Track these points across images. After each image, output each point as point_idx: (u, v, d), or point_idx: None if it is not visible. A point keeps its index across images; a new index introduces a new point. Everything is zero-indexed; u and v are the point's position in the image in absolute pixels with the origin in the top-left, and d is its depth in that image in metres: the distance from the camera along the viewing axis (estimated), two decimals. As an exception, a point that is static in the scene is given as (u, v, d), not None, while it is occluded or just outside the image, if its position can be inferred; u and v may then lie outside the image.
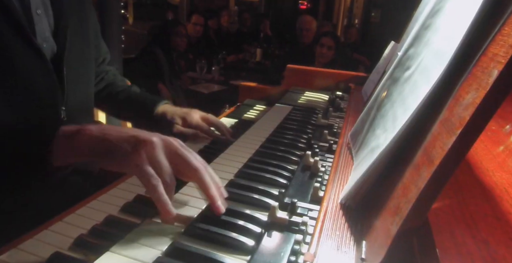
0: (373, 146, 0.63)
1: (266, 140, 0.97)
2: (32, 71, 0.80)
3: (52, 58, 0.86)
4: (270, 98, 1.51)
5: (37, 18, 0.82)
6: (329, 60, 3.14)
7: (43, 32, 0.84)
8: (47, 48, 0.85)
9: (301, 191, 0.70)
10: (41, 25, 0.83)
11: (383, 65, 1.31)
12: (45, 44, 0.84)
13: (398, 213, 0.43)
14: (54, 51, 0.86)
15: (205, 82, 3.54)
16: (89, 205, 0.62)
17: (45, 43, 0.84)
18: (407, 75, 0.66)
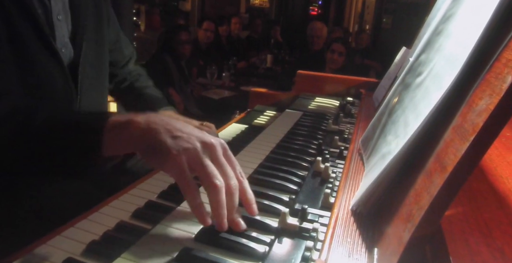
0: (384, 152, 0.63)
1: (277, 145, 0.97)
2: (50, 75, 0.82)
3: (68, 63, 0.87)
4: (281, 104, 1.51)
5: (57, 24, 0.84)
6: (339, 66, 3.14)
7: (63, 37, 0.86)
8: (66, 53, 0.87)
9: (312, 197, 0.70)
10: (61, 31, 0.85)
11: (394, 71, 1.31)
12: (64, 49, 0.86)
13: (410, 220, 0.42)
14: (71, 57, 0.88)
15: (215, 88, 3.56)
16: (101, 211, 0.63)
17: (63, 48, 0.86)
18: (418, 81, 0.66)
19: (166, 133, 0.56)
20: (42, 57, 0.79)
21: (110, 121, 0.59)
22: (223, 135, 1.07)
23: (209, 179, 0.55)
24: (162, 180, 0.75)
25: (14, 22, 0.74)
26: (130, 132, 0.58)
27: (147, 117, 0.59)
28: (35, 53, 0.78)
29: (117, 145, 0.60)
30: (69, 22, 0.88)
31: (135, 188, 0.71)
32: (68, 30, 0.88)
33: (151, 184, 0.73)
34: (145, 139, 0.57)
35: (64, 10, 0.86)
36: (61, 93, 0.85)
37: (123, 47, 1.15)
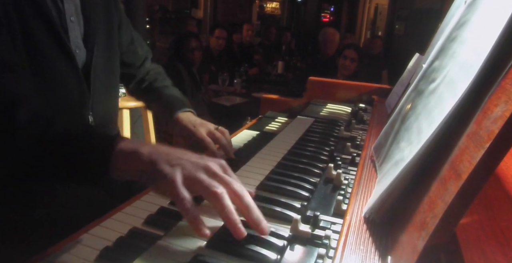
0: (397, 159, 0.62)
1: (288, 152, 0.97)
2: (64, 76, 0.83)
3: (81, 65, 0.89)
4: (292, 110, 1.51)
5: (71, 25, 0.86)
6: (351, 73, 3.13)
7: (76, 38, 0.87)
8: (79, 54, 0.88)
9: (324, 204, 0.70)
10: (74, 32, 0.87)
11: (407, 77, 1.30)
12: (78, 51, 0.88)
13: (424, 227, 0.42)
14: (84, 59, 0.90)
15: (227, 95, 3.57)
16: (114, 217, 0.63)
17: (77, 49, 0.88)
18: (432, 88, 0.65)
19: (164, 163, 0.58)
20: (56, 58, 0.81)
21: (116, 150, 0.61)
22: (235, 141, 1.07)
23: (207, 190, 0.55)
24: (174, 186, 0.75)
25: (30, 24, 0.76)
26: (134, 163, 0.60)
27: (151, 149, 0.61)
28: (50, 54, 0.79)
29: (121, 172, 0.62)
30: (81, 24, 0.90)
31: (148, 194, 0.72)
32: (80, 32, 0.89)
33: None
34: (146, 169, 0.59)
35: (76, 12, 0.88)
36: (74, 94, 0.86)
37: (137, 47, 1.17)
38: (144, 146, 0.62)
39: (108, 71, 0.98)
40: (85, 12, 0.91)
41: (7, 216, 0.82)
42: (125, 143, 0.62)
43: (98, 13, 0.95)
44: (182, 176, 0.57)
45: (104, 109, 0.97)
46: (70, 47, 0.83)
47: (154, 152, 0.60)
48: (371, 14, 8.81)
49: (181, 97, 1.17)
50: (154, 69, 1.24)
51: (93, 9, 0.93)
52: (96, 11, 0.94)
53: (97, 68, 0.92)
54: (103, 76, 0.95)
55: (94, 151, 0.63)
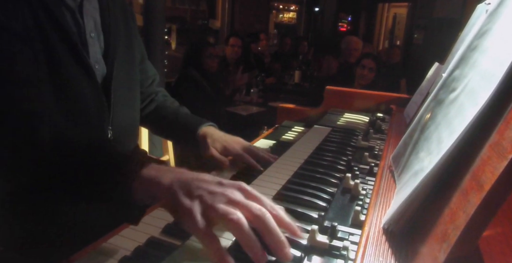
0: (416, 169, 0.61)
1: (305, 161, 0.96)
2: (83, 91, 0.84)
3: (101, 80, 0.91)
4: (309, 119, 1.51)
5: (90, 41, 0.88)
6: (369, 82, 3.11)
7: (95, 54, 0.89)
8: (99, 69, 0.90)
9: (342, 214, 0.69)
10: (93, 48, 0.88)
11: (426, 86, 1.28)
12: (97, 66, 0.89)
13: (445, 239, 0.41)
14: (104, 74, 0.92)
15: (243, 104, 3.59)
16: (132, 227, 0.64)
17: (97, 64, 0.89)
18: (452, 97, 0.65)
19: (184, 195, 0.57)
20: (76, 73, 0.82)
21: (138, 180, 0.61)
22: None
23: (224, 218, 0.53)
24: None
25: (50, 39, 0.78)
26: (154, 191, 0.60)
27: (172, 178, 0.60)
28: (69, 69, 0.81)
29: (144, 198, 0.61)
30: (101, 40, 0.91)
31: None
32: (100, 48, 0.91)
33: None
34: (166, 198, 0.59)
35: (96, 28, 0.90)
36: (93, 109, 0.87)
37: (147, 68, 1.17)
38: (166, 174, 0.61)
39: (128, 85, 0.99)
40: (105, 28, 0.93)
41: (27, 226, 0.83)
42: (147, 170, 0.62)
43: (118, 27, 0.97)
44: (201, 208, 0.55)
45: (124, 123, 0.98)
46: (89, 63, 0.85)
47: (175, 182, 0.59)
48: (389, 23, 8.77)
49: (196, 116, 1.16)
50: (161, 91, 1.24)
51: (113, 24, 0.95)
52: (116, 26, 0.96)
53: (117, 82, 0.93)
54: (123, 90, 0.96)
55: (116, 181, 0.63)
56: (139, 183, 0.61)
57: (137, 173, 0.61)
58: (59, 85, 0.79)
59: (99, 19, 0.92)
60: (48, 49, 0.77)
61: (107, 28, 0.93)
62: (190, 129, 1.07)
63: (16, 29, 0.73)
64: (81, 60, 0.83)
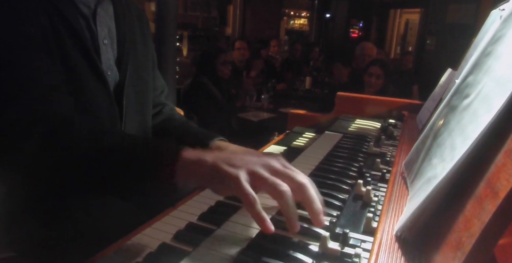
0: (429, 176, 0.61)
1: (316, 167, 0.96)
2: (96, 97, 0.86)
3: (114, 87, 0.92)
4: (320, 126, 1.50)
5: (103, 48, 0.89)
6: (378, 89, 3.07)
7: (108, 61, 0.90)
8: (111, 76, 0.91)
9: (353, 221, 0.68)
10: (106, 55, 0.90)
11: (439, 92, 1.27)
12: (110, 72, 0.90)
13: (460, 247, 0.40)
14: (117, 80, 0.93)
15: (254, 110, 3.60)
16: (144, 233, 0.64)
17: (109, 71, 0.90)
18: (466, 104, 0.64)
19: (227, 165, 0.61)
20: (89, 79, 0.84)
21: (182, 157, 0.64)
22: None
23: (272, 188, 0.58)
24: (202, 201, 0.76)
25: (66, 46, 0.79)
26: (198, 170, 0.63)
27: (213, 155, 0.64)
28: (83, 76, 0.83)
29: (187, 179, 0.64)
30: (114, 47, 0.93)
31: (176, 209, 0.72)
32: (113, 54, 0.92)
33: (191, 206, 0.74)
34: (210, 175, 0.62)
35: (110, 35, 0.92)
36: (106, 115, 0.88)
37: (156, 78, 1.17)
38: (205, 154, 0.65)
39: (141, 92, 1.00)
40: (119, 35, 0.94)
41: (40, 231, 0.84)
42: (187, 152, 0.65)
43: (134, 35, 0.98)
44: (246, 175, 0.59)
45: (137, 129, 0.98)
46: (102, 69, 0.86)
47: (216, 157, 0.63)
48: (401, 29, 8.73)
49: (207, 130, 1.15)
50: (169, 105, 1.24)
51: (128, 32, 0.96)
52: (132, 34, 0.97)
53: (129, 89, 0.94)
54: (135, 97, 0.97)
55: (160, 161, 0.65)
56: (181, 164, 0.63)
57: (179, 155, 0.63)
58: (74, 91, 0.81)
59: (114, 26, 0.93)
60: (64, 56, 0.79)
61: (122, 35, 0.94)
62: (201, 143, 1.06)
63: (34, 36, 0.74)
64: (94, 66, 0.84)
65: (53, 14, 0.78)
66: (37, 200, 0.86)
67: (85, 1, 0.86)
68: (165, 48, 3.09)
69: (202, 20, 7.96)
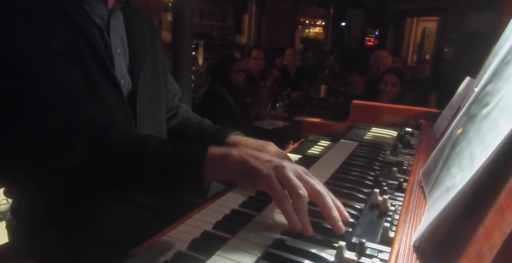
0: (448, 186, 0.60)
1: (331, 176, 0.95)
2: (112, 105, 0.88)
3: (127, 95, 0.93)
4: (335, 134, 1.50)
5: (116, 57, 0.91)
6: (394, 97, 3.04)
7: (121, 69, 0.93)
8: (124, 84, 0.93)
9: (370, 230, 0.67)
10: (119, 63, 0.92)
11: (457, 101, 1.25)
12: (123, 81, 0.92)
13: (480, 259, 0.39)
14: (130, 88, 0.94)
15: (269, 119, 3.60)
16: (160, 241, 0.65)
17: (122, 79, 0.92)
18: (485, 112, 0.63)
19: (256, 161, 0.67)
20: (106, 88, 0.86)
21: (209, 154, 0.68)
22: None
23: (293, 189, 0.63)
24: (217, 210, 0.76)
25: (84, 56, 0.82)
26: (227, 164, 0.67)
27: (240, 151, 0.69)
28: (100, 85, 0.85)
29: (216, 174, 0.68)
30: (126, 56, 0.95)
31: (191, 218, 0.73)
32: (126, 63, 0.95)
33: (206, 214, 0.74)
34: (240, 168, 0.67)
35: (122, 45, 0.94)
36: (122, 123, 0.90)
37: (168, 82, 1.19)
38: (232, 150, 0.69)
39: (154, 99, 1.02)
40: (131, 44, 0.96)
41: (59, 239, 0.86)
42: (214, 149, 0.69)
43: (144, 43, 1.00)
44: (275, 174, 0.64)
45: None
46: (117, 78, 0.88)
47: (244, 153, 0.68)
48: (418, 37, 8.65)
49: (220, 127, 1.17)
50: (184, 107, 1.25)
51: (139, 41, 0.98)
52: (142, 42, 0.99)
53: (143, 96, 0.96)
54: (149, 104, 0.99)
55: (189, 159, 0.68)
56: (210, 161, 0.67)
57: (207, 152, 0.68)
58: (94, 99, 0.83)
59: (125, 35, 0.96)
60: (83, 66, 0.81)
61: (133, 44, 0.96)
62: (217, 138, 1.08)
63: (58, 49, 0.77)
64: (110, 76, 0.86)
65: (71, 27, 0.81)
66: (56, 208, 0.88)
67: (99, 13, 0.89)
68: (181, 58, 3.14)
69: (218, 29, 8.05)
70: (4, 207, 1.93)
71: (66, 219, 0.86)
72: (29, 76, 0.72)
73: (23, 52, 0.73)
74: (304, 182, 0.65)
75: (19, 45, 0.73)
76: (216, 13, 8.11)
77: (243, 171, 0.66)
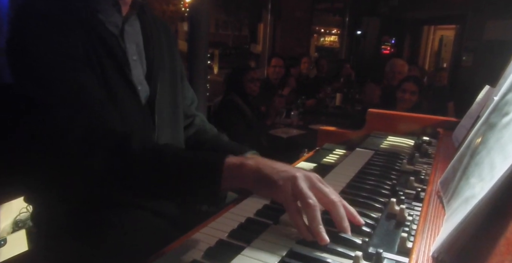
0: (467, 196, 0.59)
1: (347, 185, 0.94)
2: (130, 111, 0.89)
3: (145, 101, 0.95)
4: (350, 142, 1.48)
5: (133, 64, 0.93)
6: (412, 105, 3.00)
7: (138, 76, 0.94)
8: (142, 91, 0.94)
9: (387, 240, 0.66)
10: (136, 70, 0.94)
11: (476, 110, 1.23)
12: (140, 87, 0.94)
13: (502, 271, 0.38)
14: (147, 95, 0.96)
15: (284, 127, 3.59)
16: (176, 249, 0.65)
17: (140, 85, 0.94)
18: (505, 121, 0.62)
19: (271, 170, 0.68)
20: (124, 94, 0.87)
21: (226, 163, 0.69)
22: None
23: (304, 200, 0.64)
24: (233, 219, 0.76)
25: (103, 62, 0.84)
26: (244, 172, 0.69)
27: (255, 160, 0.71)
28: (119, 91, 0.86)
29: (232, 182, 0.69)
30: (144, 62, 0.96)
31: (207, 226, 0.73)
32: (143, 70, 0.96)
33: (222, 223, 0.74)
34: (255, 176, 0.68)
35: (138, 51, 0.96)
36: (140, 129, 0.91)
37: (185, 89, 1.20)
38: (248, 159, 0.71)
39: (171, 105, 1.03)
40: (147, 51, 0.97)
41: (77, 247, 0.87)
42: (231, 158, 0.70)
43: (162, 51, 1.02)
44: (290, 185, 0.65)
45: (169, 142, 1.01)
46: (135, 84, 0.90)
47: (259, 162, 0.69)
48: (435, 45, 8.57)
49: (238, 144, 1.18)
50: (200, 116, 1.26)
51: (157, 48, 1.00)
52: (160, 49, 1.01)
53: (161, 103, 0.97)
54: (167, 110, 1.00)
55: (206, 166, 0.70)
56: (227, 169, 0.68)
57: (224, 160, 0.69)
58: (113, 105, 0.85)
59: (142, 42, 0.97)
60: (103, 73, 0.83)
61: (149, 51, 0.98)
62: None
63: (78, 56, 0.79)
64: (128, 82, 0.88)
65: (92, 35, 0.83)
66: (75, 217, 0.89)
67: (113, 21, 0.91)
68: (197, 67, 3.17)
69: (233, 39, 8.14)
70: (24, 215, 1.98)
71: (84, 227, 0.87)
72: (49, 82, 0.75)
73: (44, 59, 0.76)
74: (317, 191, 0.66)
75: (40, 52, 0.76)
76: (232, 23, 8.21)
77: (259, 180, 0.67)
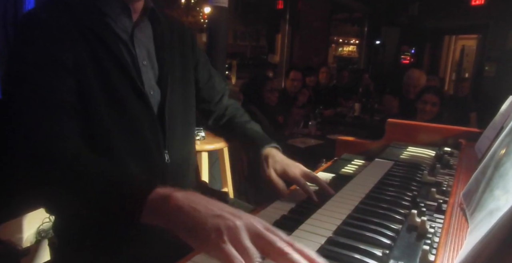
0: (492, 208, 0.57)
1: (366, 196, 0.93)
2: (138, 117, 0.90)
3: (157, 105, 0.96)
4: (369, 153, 1.46)
5: (143, 69, 0.94)
6: (433, 117, 2.93)
7: (149, 81, 0.95)
8: (154, 96, 0.95)
9: (408, 253, 0.65)
10: (147, 75, 0.95)
11: (500, 120, 1.20)
12: (152, 92, 0.95)
13: (530, 287, 0.37)
14: (159, 99, 0.97)
15: (302, 137, 3.57)
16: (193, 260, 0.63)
17: (151, 90, 0.95)
18: (531, 131, 0.60)
19: (206, 214, 0.56)
20: (130, 99, 0.89)
21: (152, 193, 0.61)
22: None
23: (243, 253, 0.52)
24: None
25: (106, 70, 0.85)
26: (168, 207, 0.58)
27: (188, 195, 0.59)
28: (125, 96, 0.88)
29: (154, 217, 0.61)
30: (155, 68, 0.97)
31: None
32: (154, 75, 0.97)
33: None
34: (183, 217, 0.57)
35: (149, 57, 0.97)
36: (149, 133, 0.92)
37: (215, 83, 1.20)
38: (180, 191, 0.61)
39: (183, 110, 1.04)
40: (159, 56, 0.98)
41: (96, 258, 0.88)
42: (161, 188, 0.62)
43: (173, 56, 1.03)
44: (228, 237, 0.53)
45: (181, 147, 1.01)
46: (143, 90, 0.91)
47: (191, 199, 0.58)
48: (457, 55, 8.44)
49: (264, 133, 1.18)
50: (232, 104, 1.27)
51: (168, 53, 1.00)
52: (172, 54, 1.02)
53: (172, 107, 0.98)
54: (178, 115, 1.01)
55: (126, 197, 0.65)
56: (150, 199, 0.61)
57: (150, 190, 0.62)
58: (117, 111, 0.86)
59: (153, 47, 0.98)
60: (104, 79, 0.84)
61: (160, 55, 0.99)
62: (254, 147, 1.08)
63: (66, 62, 0.81)
64: (135, 87, 0.89)
65: (94, 42, 0.85)
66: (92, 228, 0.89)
67: (123, 27, 0.92)
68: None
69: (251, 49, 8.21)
70: (47, 225, 2.01)
71: (104, 238, 0.88)
72: (25, 82, 0.78)
73: (27, 60, 0.79)
74: (262, 241, 0.54)
75: (26, 53, 0.80)
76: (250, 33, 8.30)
77: (187, 225, 0.56)
